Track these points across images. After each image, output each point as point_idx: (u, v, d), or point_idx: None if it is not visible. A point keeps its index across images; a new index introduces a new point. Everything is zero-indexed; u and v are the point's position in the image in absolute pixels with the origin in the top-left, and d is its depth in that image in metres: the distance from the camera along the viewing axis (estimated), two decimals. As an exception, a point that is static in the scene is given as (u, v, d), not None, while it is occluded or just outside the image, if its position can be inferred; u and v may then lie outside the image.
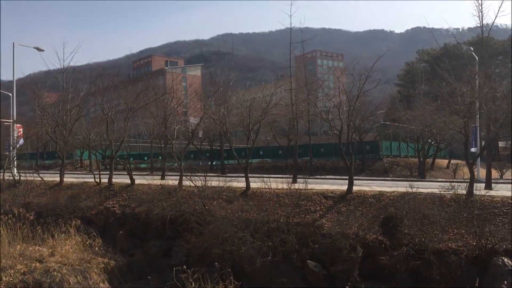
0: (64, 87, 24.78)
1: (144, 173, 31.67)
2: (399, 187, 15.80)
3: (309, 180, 17.44)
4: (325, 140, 46.55)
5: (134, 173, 27.03)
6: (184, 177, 19.20)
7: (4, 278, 13.90)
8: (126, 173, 22.44)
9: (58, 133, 22.02)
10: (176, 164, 39.98)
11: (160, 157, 47.53)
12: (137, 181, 21.00)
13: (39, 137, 35.50)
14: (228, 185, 17.27)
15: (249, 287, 13.53)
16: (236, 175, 23.28)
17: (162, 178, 24.34)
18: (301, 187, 15.98)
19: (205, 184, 16.72)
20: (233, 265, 13.69)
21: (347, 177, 16.91)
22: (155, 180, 23.45)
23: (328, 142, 41.02)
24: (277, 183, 16.91)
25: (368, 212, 14.29)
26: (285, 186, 17.13)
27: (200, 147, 41.14)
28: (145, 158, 48.40)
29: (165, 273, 16.22)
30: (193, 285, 12.06)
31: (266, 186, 17.69)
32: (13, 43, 28.20)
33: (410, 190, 14.47)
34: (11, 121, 27.13)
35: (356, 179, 25.57)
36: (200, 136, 42.64)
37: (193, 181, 16.87)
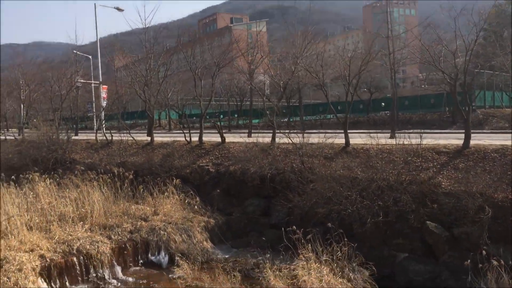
0: (147, 46, 24.52)
1: (223, 131, 31.47)
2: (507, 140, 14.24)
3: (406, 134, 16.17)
4: (409, 92, 44.10)
5: (212, 131, 26.95)
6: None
7: (113, 237, 14.18)
8: (210, 131, 22.27)
9: (147, 92, 21.99)
10: (259, 121, 39.77)
11: (235, 115, 47.57)
12: (227, 139, 20.66)
13: (120, 97, 36.19)
14: (325, 141, 16.39)
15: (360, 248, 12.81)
16: (316, 131, 22.37)
17: (249, 136, 23.93)
18: (404, 143, 14.83)
19: (303, 141, 15.95)
20: (340, 226, 12.98)
21: (440, 131, 15.48)
22: (242, 138, 23.18)
23: (414, 95, 38.75)
24: (373, 138, 15.83)
25: (492, 169, 12.92)
26: (384, 141, 16.05)
27: (277, 104, 40.17)
28: (221, 116, 48.50)
29: (265, 232, 15.96)
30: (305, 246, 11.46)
31: (365, 142, 16.69)
32: (94, 4, 28.40)
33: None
34: (99, 82, 27.68)
35: (447, 132, 23.93)
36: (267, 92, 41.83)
37: (290, 138, 16.16)
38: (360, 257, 11.38)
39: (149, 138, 25.24)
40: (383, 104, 37.63)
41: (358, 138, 18.33)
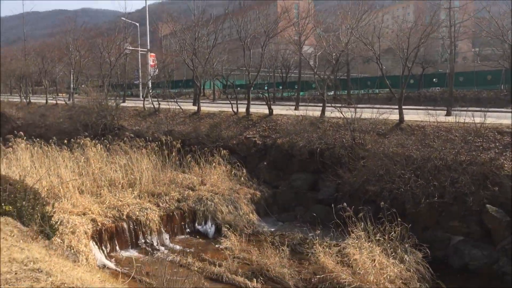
0: (195, 14, 24.20)
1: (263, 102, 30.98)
2: None
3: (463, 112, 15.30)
4: (460, 68, 42.02)
5: (257, 102, 26.57)
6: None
7: (161, 204, 14.29)
8: (255, 103, 21.91)
9: (195, 61, 21.80)
10: (303, 94, 39.11)
11: (280, 87, 46.96)
12: (274, 111, 20.31)
13: (166, 66, 36.30)
14: (378, 117, 15.76)
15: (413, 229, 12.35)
16: (364, 105, 21.59)
17: (296, 109, 23.50)
18: (465, 121, 14.04)
19: (355, 116, 15.41)
20: (392, 205, 12.51)
21: (497, 109, 14.45)
22: (289, 110, 22.77)
23: (469, 71, 36.90)
24: (431, 115, 15.07)
25: None
26: (441, 119, 15.30)
27: (330, 76, 39.28)
28: (266, 87, 48.02)
29: (312, 207, 15.69)
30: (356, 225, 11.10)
31: (420, 119, 15.98)
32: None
33: None
34: (146, 49, 27.76)
35: (505, 112, 22.57)
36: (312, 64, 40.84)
37: (342, 113, 15.64)
38: (414, 238, 10.97)
39: (195, 108, 25.26)
40: (435, 79, 36.09)
41: (411, 115, 17.60)
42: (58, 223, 9.83)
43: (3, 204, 8.33)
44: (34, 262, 3.66)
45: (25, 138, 16.84)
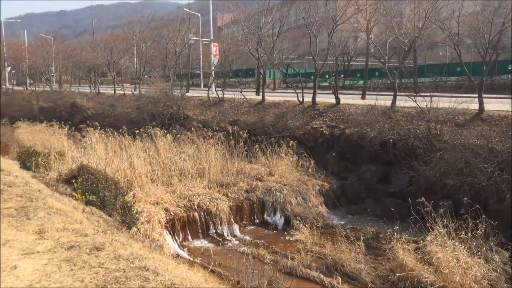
0: (259, 2, 23.97)
1: (329, 91, 30.31)
2: None
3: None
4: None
5: (319, 91, 25.89)
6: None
7: (230, 195, 14.31)
8: (319, 92, 21.41)
9: (260, 49, 21.61)
10: (362, 82, 37.99)
11: (341, 75, 45.88)
12: (341, 100, 19.77)
13: (228, 56, 36.39)
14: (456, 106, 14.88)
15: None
16: (440, 94, 20.41)
17: (363, 98, 22.81)
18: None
19: (430, 105, 14.64)
20: (473, 200, 11.79)
21: None
22: (354, 99, 22.16)
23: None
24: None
25: None
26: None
27: (404, 63, 37.96)
28: (327, 76, 47.13)
29: (383, 200, 15.20)
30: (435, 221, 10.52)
31: (502, 108, 14.94)
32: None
33: None
34: (210, 39, 27.92)
35: None
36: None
37: (417, 102, 14.91)
38: (499, 236, 10.27)
39: (258, 97, 25.17)
40: (510, 66, 33.81)
41: (491, 104, 16.52)
42: (138, 213, 10.00)
43: (86, 193, 8.56)
44: (140, 260, 3.61)
45: (99, 128, 17.39)
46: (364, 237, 11.94)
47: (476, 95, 14.92)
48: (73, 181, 9.43)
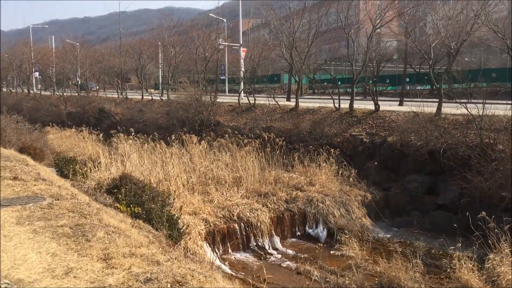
0: (290, 7, 23.39)
1: (358, 98, 29.38)
2: None
3: None
4: None
5: (347, 97, 25.08)
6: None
7: (269, 205, 13.66)
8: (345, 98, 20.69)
9: (295, 54, 20.96)
10: (391, 88, 36.94)
11: (371, 81, 44.90)
12: (370, 107, 18.99)
13: (253, 61, 35.83)
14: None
15: None
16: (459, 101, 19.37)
17: (401, 104, 21.98)
18: None
19: (483, 113, 13.78)
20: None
21: None
22: (392, 106, 21.34)
23: None
24: None
25: None
26: None
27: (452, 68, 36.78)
28: (371, 81, 46.09)
29: (430, 213, 14.35)
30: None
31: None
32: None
33: None
34: (239, 45, 27.43)
35: None
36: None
37: (468, 109, 14.06)
38: None
39: (289, 103, 24.57)
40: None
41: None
42: (185, 227, 9.43)
43: (131, 205, 8.02)
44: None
45: (132, 133, 16.96)
46: (420, 253, 11.15)
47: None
48: (115, 190, 8.91)
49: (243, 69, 29.52)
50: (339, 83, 49.18)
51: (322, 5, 26.96)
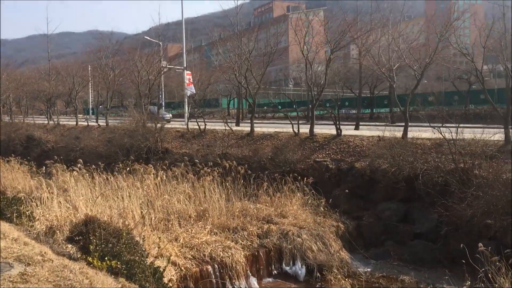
0: (238, 31, 22.56)
1: (301, 122, 28.76)
2: None
3: None
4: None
5: (286, 122, 24.35)
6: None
7: (240, 242, 12.29)
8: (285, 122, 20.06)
9: (249, 77, 19.96)
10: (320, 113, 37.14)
11: (327, 105, 45.08)
12: (320, 131, 18.42)
13: (202, 84, 34.51)
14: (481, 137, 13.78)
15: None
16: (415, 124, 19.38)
17: (357, 128, 21.59)
18: None
19: (456, 136, 13.47)
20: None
21: None
22: (348, 130, 20.88)
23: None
24: None
25: None
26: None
27: (359, 94, 37.37)
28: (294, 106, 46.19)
29: (407, 243, 13.67)
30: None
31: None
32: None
33: None
34: (183, 68, 26.10)
35: None
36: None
37: (442, 133, 13.69)
38: None
39: (240, 128, 23.51)
40: (482, 96, 34.19)
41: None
42: (170, 283, 7.84)
43: (106, 258, 6.39)
44: None
45: (81, 165, 14.88)
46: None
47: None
48: (79, 238, 7.18)
49: (188, 92, 28.05)
50: (279, 107, 49.34)
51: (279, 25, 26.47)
